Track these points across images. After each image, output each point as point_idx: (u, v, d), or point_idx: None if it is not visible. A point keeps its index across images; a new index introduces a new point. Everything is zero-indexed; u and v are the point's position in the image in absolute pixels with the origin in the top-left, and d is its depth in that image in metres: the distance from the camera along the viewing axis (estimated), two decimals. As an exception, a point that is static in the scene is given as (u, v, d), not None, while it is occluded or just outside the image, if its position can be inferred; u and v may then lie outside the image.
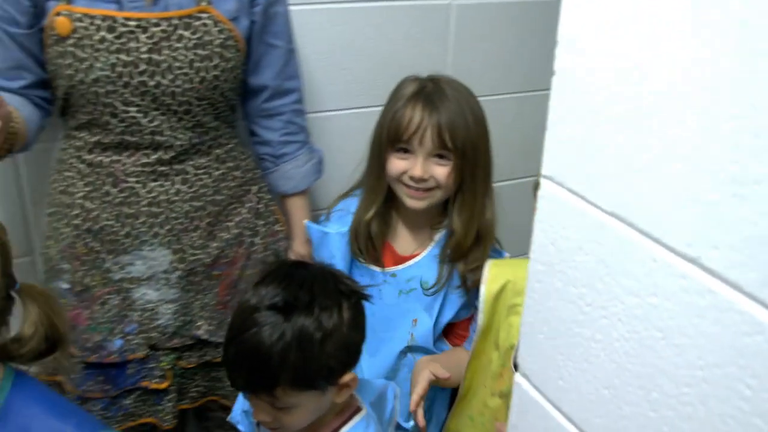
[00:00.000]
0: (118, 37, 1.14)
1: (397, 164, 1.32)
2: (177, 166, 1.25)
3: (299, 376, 1.00)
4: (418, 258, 1.39)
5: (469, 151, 1.30)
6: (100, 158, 1.23)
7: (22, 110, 1.19)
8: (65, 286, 1.29)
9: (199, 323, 1.32)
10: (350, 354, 1.07)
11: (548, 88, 0.62)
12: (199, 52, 1.18)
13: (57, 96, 1.24)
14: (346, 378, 1.06)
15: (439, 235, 1.41)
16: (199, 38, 1.17)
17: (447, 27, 1.61)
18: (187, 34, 1.17)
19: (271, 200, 1.43)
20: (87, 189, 1.25)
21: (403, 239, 1.41)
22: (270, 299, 1.00)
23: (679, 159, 0.51)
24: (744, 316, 0.48)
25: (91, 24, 1.13)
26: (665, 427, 0.56)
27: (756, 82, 0.45)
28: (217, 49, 1.19)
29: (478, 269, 1.31)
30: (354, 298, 1.07)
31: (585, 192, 0.61)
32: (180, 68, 1.17)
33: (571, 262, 0.64)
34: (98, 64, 1.14)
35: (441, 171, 1.31)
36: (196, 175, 1.28)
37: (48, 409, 0.89)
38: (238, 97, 1.33)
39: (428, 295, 1.37)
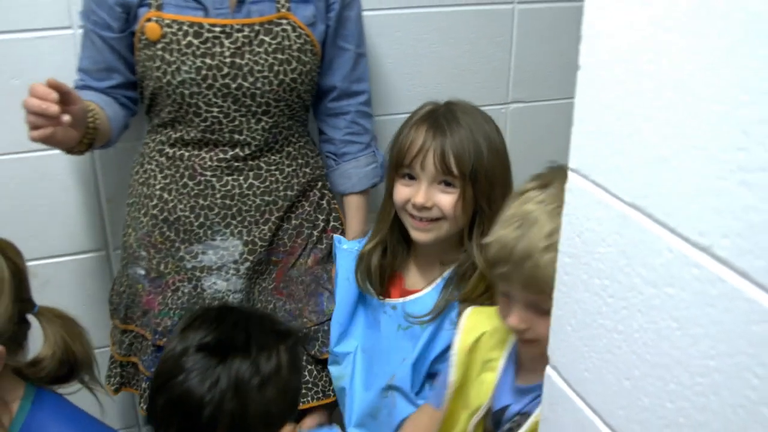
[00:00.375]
0: (203, 42, 1.21)
1: (401, 191, 1.26)
2: (251, 162, 1.31)
3: (236, 426, 0.89)
4: (421, 294, 1.31)
5: (482, 178, 1.22)
6: (180, 152, 1.31)
7: (107, 109, 1.28)
8: (141, 272, 1.36)
9: (257, 306, 1.38)
10: (290, 401, 0.97)
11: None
12: (279, 56, 1.24)
13: (144, 95, 1.32)
14: (286, 430, 0.95)
15: (449, 272, 1.32)
16: (278, 43, 1.24)
17: (510, 31, 1.62)
18: (267, 39, 1.23)
19: (333, 198, 1.47)
20: (166, 181, 1.32)
21: (412, 273, 1.35)
22: (199, 340, 0.88)
23: (691, 149, 0.52)
24: (752, 304, 0.48)
25: (179, 30, 1.20)
26: (681, 419, 0.56)
27: (761, 71, 0.45)
28: (295, 54, 1.25)
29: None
30: (291, 340, 0.97)
31: (607, 184, 0.62)
32: (260, 71, 1.23)
33: (596, 254, 0.64)
34: (185, 67, 1.21)
35: (446, 199, 1.23)
36: (268, 171, 1.33)
37: (66, 428, 0.90)
38: (312, 98, 1.38)
39: (412, 324, 1.29)
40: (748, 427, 0.50)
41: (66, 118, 1.05)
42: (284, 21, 1.25)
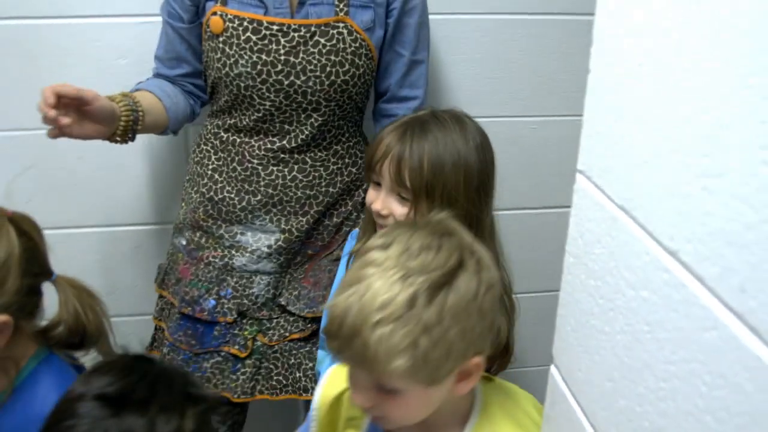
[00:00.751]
0: (261, 39, 1.26)
1: (369, 194, 1.22)
2: (297, 156, 1.36)
3: None
4: None
5: (438, 196, 1.13)
6: (233, 138, 1.38)
7: (167, 99, 1.35)
8: (183, 242, 1.45)
9: (283, 293, 1.42)
10: None
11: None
12: (332, 57, 1.28)
13: (207, 83, 1.40)
14: None
15: None
16: (333, 45, 1.28)
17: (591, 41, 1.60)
18: (322, 40, 1.27)
19: None
20: (218, 163, 1.40)
21: None
22: (100, 388, 0.80)
23: (666, 153, 0.52)
24: (705, 311, 0.48)
25: (240, 25, 1.26)
26: (646, 422, 0.57)
27: (724, 74, 0.45)
28: (349, 57, 1.29)
29: None
30: (202, 407, 0.85)
31: (604, 185, 0.62)
32: (313, 71, 1.28)
33: (592, 255, 0.65)
34: (242, 61, 1.27)
35: (400, 210, 1.17)
36: (312, 165, 1.38)
37: (56, 388, 0.92)
38: (367, 100, 1.42)
39: None
40: (695, 434, 0.50)
41: (65, 120, 1.11)
42: (341, 24, 1.28)
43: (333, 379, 1.04)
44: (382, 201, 1.17)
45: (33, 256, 0.94)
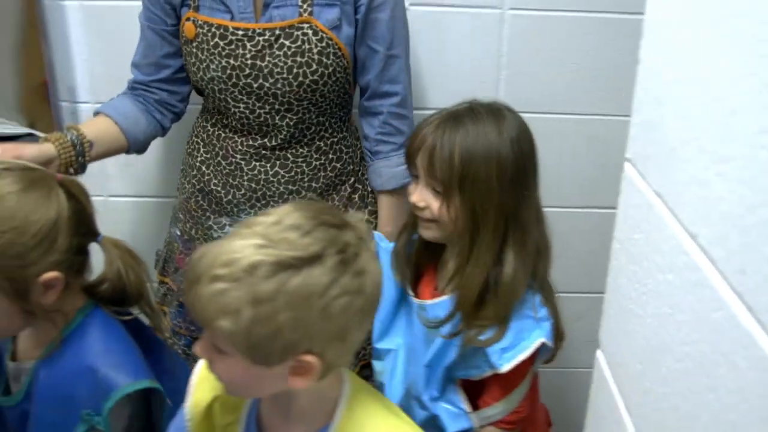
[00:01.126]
0: (228, 44, 1.29)
1: (410, 186, 1.21)
2: (278, 152, 1.38)
3: None
4: (440, 299, 1.21)
5: (470, 189, 1.11)
6: (218, 133, 1.41)
7: (123, 121, 1.36)
8: (177, 232, 1.52)
9: None
10: None
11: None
12: (298, 59, 1.29)
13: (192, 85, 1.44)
14: None
15: None
16: (298, 47, 1.29)
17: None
18: (287, 42, 1.28)
19: (371, 192, 1.50)
20: (206, 155, 1.43)
21: (444, 273, 1.24)
22: None
23: (690, 141, 0.54)
24: (714, 292, 0.50)
25: (209, 31, 1.30)
26: (665, 403, 0.58)
27: (736, 69, 0.47)
28: (316, 57, 1.29)
29: (482, 328, 1.13)
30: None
31: (645, 173, 0.64)
32: (279, 73, 1.29)
33: (632, 240, 0.67)
34: (213, 66, 1.31)
35: (435, 203, 1.15)
36: (294, 162, 1.39)
37: (107, 345, 1.01)
38: (346, 95, 1.42)
39: (429, 329, 1.21)
40: (699, 414, 0.52)
41: None
42: (305, 25, 1.29)
43: (202, 386, 0.98)
44: (418, 193, 1.16)
45: (81, 217, 0.99)
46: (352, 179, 1.48)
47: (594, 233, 1.70)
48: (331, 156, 1.43)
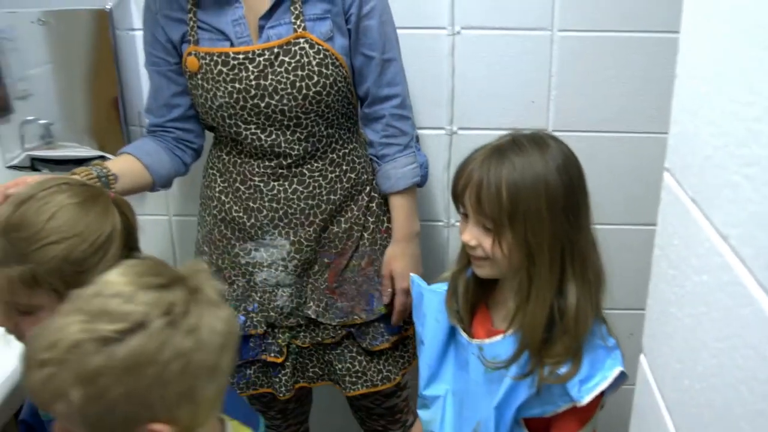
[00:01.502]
0: (231, 69, 1.35)
1: (460, 225, 1.18)
2: (295, 170, 1.43)
3: None
4: (501, 337, 1.17)
5: (521, 224, 1.08)
6: (234, 160, 1.46)
7: (146, 158, 1.42)
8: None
9: (309, 304, 1.49)
10: None
11: None
12: (299, 72, 1.34)
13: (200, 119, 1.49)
14: None
15: None
16: (297, 61, 1.34)
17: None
18: (287, 59, 1.34)
19: (386, 201, 1.53)
20: (224, 185, 1.48)
21: (499, 310, 1.21)
22: None
23: (723, 146, 0.57)
24: (744, 289, 0.53)
25: (211, 60, 1.36)
26: (702, 398, 0.61)
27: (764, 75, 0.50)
28: (315, 68, 1.34)
29: (557, 364, 1.10)
30: None
31: (682, 180, 0.67)
32: (284, 89, 1.34)
33: (671, 246, 0.70)
34: (219, 93, 1.36)
35: (487, 241, 1.12)
36: (311, 177, 1.44)
37: None
38: (350, 105, 1.46)
39: (491, 369, 1.17)
40: (732, 406, 0.54)
41: None
42: (301, 40, 1.34)
43: None
44: (469, 232, 1.14)
45: (129, 232, 1.07)
46: (368, 188, 1.51)
47: (647, 250, 1.70)
48: (345, 167, 1.47)
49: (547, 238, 1.09)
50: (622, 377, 1.11)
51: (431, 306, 1.29)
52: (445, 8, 1.58)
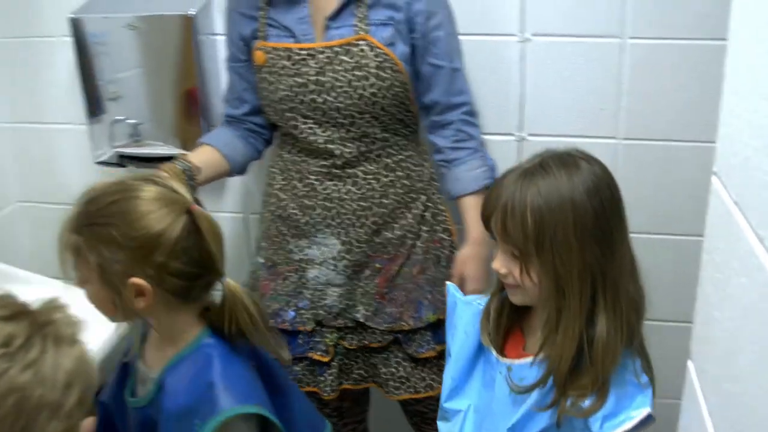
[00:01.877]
0: (293, 64, 1.41)
1: (493, 251, 1.15)
2: (349, 170, 1.47)
3: None
4: (529, 359, 1.13)
5: (548, 251, 1.03)
6: (293, 158, 1.51)
7: (223, 148, 1.52)
8: (261, 260, 1.59)
9: (358, 307, 1.51)
10: None
11: None
12: (357, 73, 1.39)
13: (265, 114, 1.54)
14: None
15: None
16: (356, 62, 1.38)
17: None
18: (346, 58, 1.39)
19: (443, 211, 1.54)
20: (282, 182, 1.53)
21: (533, 335, 1.17)
22: None
23: (762, 148, 0.57)
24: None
25: (277, 55, 1.42)
26: (740, 402, 0.61)
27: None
28: (373, 71, 1.39)
29: (581, 397, 1.04)
30: None
31: (727, 184, 0.67)
32: (341, 87, 1.39)
33: (717, 249, 0.70)
34: (281, 86, 1.43)
35: (515, 268, 1.08)
36: (365, 179, 1.47)
37: (224, 366, 1.05)
38: (408, 113, 1.48)
39: (515, 392, 1.13)
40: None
41: None
42: (362, 42, 1.39)
43: None
44: (498, 260, 1.10)
45: (193, 249, 1.03)
46: (423, 197, 1.53)
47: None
48: (399, 173, 1.50)
49: (577, 267, 1.03)
50: (648, 419, 1.04)
51: (462, 318, 1.27)
52: (515, 15, 1.59)
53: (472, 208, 1.48)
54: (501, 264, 1.10)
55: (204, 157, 1.49)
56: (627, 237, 1.09)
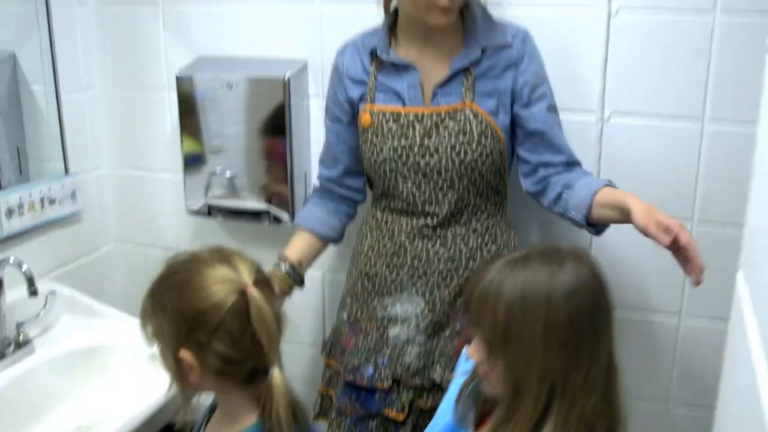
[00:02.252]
0: (401, 127, 1.48)
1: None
2: (439, 231, 1.52)
3: None
4: None
5: (512, 351, 0.97)
6: (386, 218, 1.58)
7: (318, 227, 1.63)
8: (345, 316, 1.63)
9: (436, 367, 1.52)
10: None
11: None
12: (461, 137, 1.45)
13: (364, 173, 1.62)
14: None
15: None
16: (461, 127, 1.45)
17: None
18: (452, 123, 1.45)
19: None
20: (373, 241, 1.60)
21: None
22: None
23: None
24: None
25: (384, 117, 1.50)
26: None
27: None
28: (476, 137, 1.45)
29: None
30: None
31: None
32: (444, 150, 1.46)
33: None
34: (386, 147, 1.50)
35: (484, 361, 1.03)
36: (453, 240, 1.52)
37: None
38: (501, 181, 1.52)
39: None
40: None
41: None
42: (468, 109, 1.46)
43: None
44: (473, 345, 1.05)
45: (236, 334, 1.01)
46: None
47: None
48: (486, 238, 1.55)
49: (539, 369, 0.96)
50: None
51: (456, 383, 1.23)
52: (596, 93, 1.64)
53: (610, 193, 1.37)
54: (474, 350, 1.05)
55: (300, 247, 1.62)
56: (603, 354, 1.00)
